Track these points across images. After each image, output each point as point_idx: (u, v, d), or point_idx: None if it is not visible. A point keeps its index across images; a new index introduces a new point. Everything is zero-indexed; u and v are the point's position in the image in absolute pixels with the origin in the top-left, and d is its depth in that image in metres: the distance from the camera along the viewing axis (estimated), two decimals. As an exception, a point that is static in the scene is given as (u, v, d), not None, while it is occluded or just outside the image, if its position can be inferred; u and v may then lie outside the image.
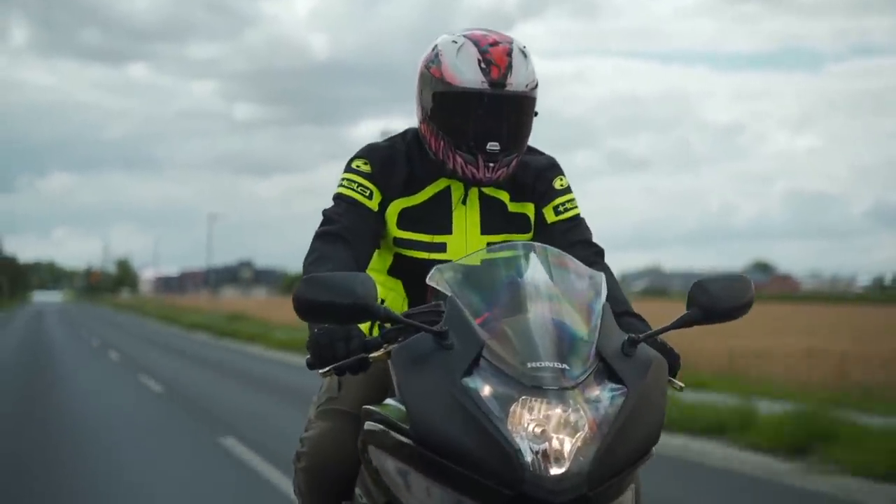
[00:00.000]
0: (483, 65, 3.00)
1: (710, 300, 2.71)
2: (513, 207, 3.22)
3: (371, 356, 2.66)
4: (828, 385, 13.46)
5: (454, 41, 3.07)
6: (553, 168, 3.27)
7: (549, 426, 2.37)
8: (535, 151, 3.28)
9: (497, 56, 3.02)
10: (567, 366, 2.44)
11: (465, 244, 3.15)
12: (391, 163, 3.17)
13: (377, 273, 3.24)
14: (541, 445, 2.36)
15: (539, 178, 3.23)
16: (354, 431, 2.93)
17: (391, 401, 2.66)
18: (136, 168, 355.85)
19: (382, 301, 3.18)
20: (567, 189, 3.26)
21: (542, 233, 3.20)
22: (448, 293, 2.59)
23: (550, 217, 3.22)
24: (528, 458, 2.34)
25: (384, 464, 2.61)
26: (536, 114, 3.12)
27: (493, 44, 3.05)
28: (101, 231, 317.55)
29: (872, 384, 13.27)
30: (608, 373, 2.49)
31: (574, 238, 3.18)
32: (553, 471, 2.34)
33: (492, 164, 3.05)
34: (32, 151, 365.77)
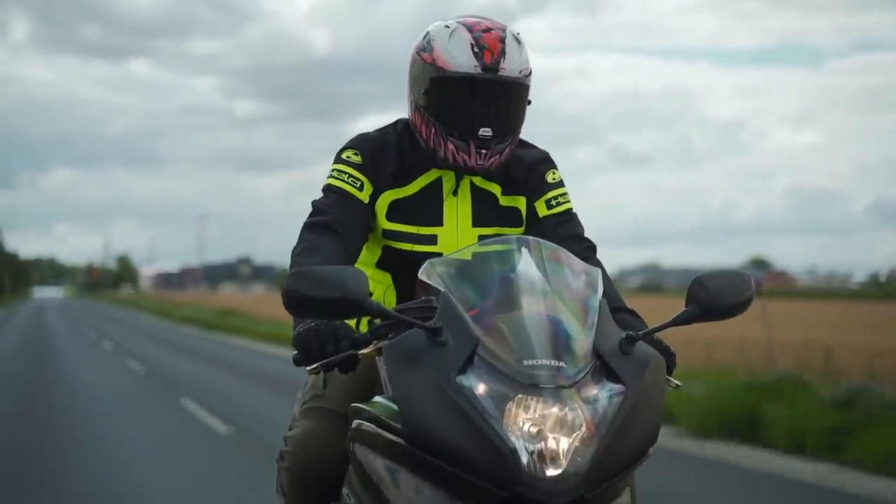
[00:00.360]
0: (476, 49, 2.95)
1: (709, 297, 2.65)
2: (504, 201, 3.16)
3: (361, 353, 2.59)
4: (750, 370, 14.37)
5: (447, 26, 3.02)
6: (546, 162, 3.21)
7: (546, 426, 2.31)
8: (528, 145, 3.22)
9: (490, 41, 2.96)
10: (563, 364, 2.38)
11: (457, 237, 3.09)
12: (382, 153, 3.11)
13: (365, 266, 3.16)
14: (537, 445, 2.30)
15: (532, 172, 3.17)
16: (340, 430, 2.86)
17: (381, 398, 2.59)
18: (138, 164, 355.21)
19: (371, 295, 3.11)
20: (560, 183, 3.21)
21: (534, 227, 3.14)
22: (441, 288, 2.53)
23: (542, 211, 3.16)
24: (524, 459, 2.29)
25: (373, 463, 2.54)
26: (530, 102, 3.06)
27: (487, 30, 2.99)
28: (103, 227, 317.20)
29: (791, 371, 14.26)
30: (606, 371, 2.43)
31: (566, 232, 3.13)
32: (549, 472, 2.29)
33: (484, 151, 2.99)
34: (34, 147, 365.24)
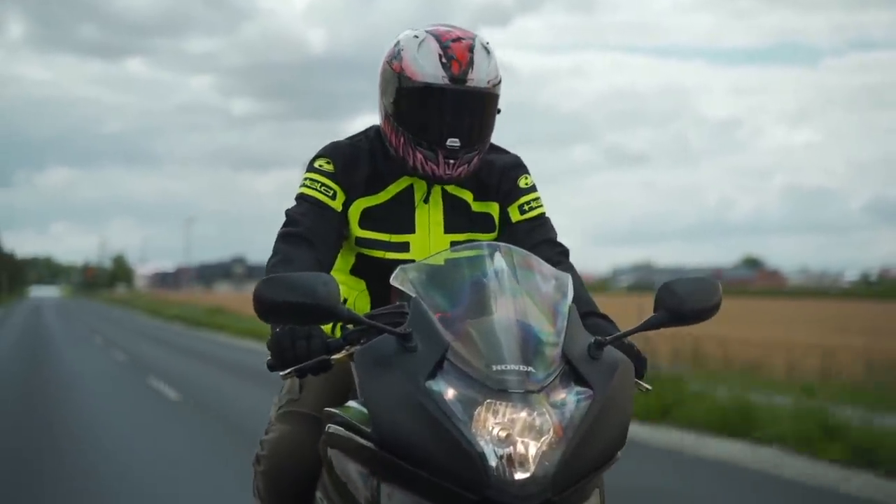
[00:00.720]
0: (444, 60, 2.97)
1: (678, 302, 2.67)
2: (476, 207, 3.18)
3: (333, 358, 2.61)
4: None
5: (416, 36, 3.04)
6: (518, 167, 3.23)
7: (514, 430, 2.33)
8: (500, 150, 3.24)
9: (458, 51, 2.98)
10: (532, 368, 2.40)
11: (429, 243, 3.11)
12: (354, 161, 3.12)
13: (340, 273, 3.19)
14: (505, 450, 2.32)
15: (504, 177, 3.19)
16: (315, 434, 2.88)
17: (353, 403, 2.61)
18: (135, 163, 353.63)
19: (345, 301, 3.13)
20: (532, 188, 3.23)
21: (507, 232, 3.16)
22: (412, 294, 2.55)
23: (515, 216, 3.18)
24: (493, 463, 2.31)
25: (345, 467, 2.57)
26: (500, 111, 3.08)
27: (456, 39, 3.01)
28: (99, 226, 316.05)
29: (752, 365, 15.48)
30: (574, 376, 2.45)
31: (539, 237, 3.15)
32: (518, 475, 2.31)
33: (452, 161, 3.01)
34: (30, 146, 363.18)
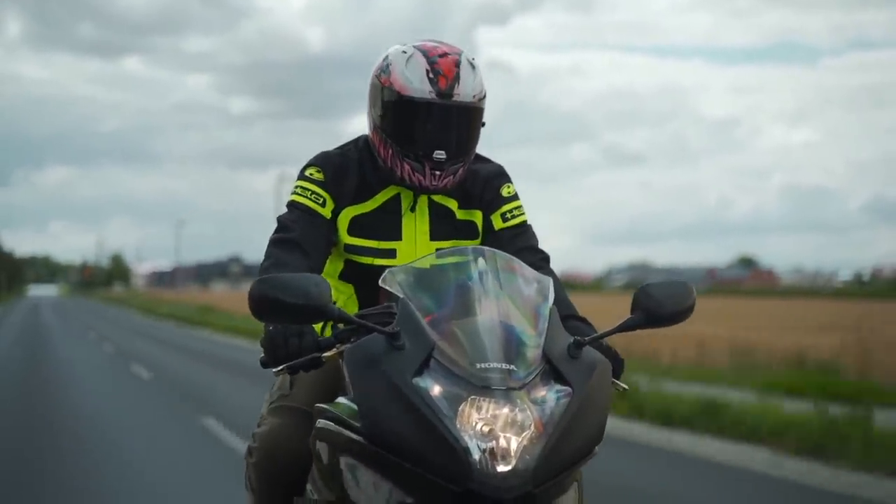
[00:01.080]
0: (431, 75, 3.08)
1: (654, 305, 2.79)
2: (461, 215, 3.29)
3: (324, 355, 2.73)
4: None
5: (404, 51, 3.14)
6: (500, 176, 3.34)
7: (497, 425, 2.45)
8: (484, 159, 3.35)
9: (445, 67, 3.09)
10: (514, 367, 2.52)
11: (415, 251, 3.22)
12: (343, 171, 3.23)
13: (329, 278, 3.28)
14: (488, 444, 2.44)
15: (487, 186, 3.30)
16: (306, 428, 2.99)
17: (343, 399, 2.73)
18: (133, 161, 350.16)
19: (335, 303, 3.25)
20: (514, 196, 3.34)
21: (490, 239, 3.27)
22: (400, 295, 2.67)
23: (498, 224, 3.30)
24: (476, 456, 2.43)
25: (335, 460, 2.68)
26: (484, 124, 3.19)
27: (442, 55, 3.12)
28: (98, 225, 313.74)
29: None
30: (554, 374, 2.57)
31: (521, 244, 3.26)
32: (500, 468, 2.43)
33: (438, 173, 3.13)
34: (28, 145, 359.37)
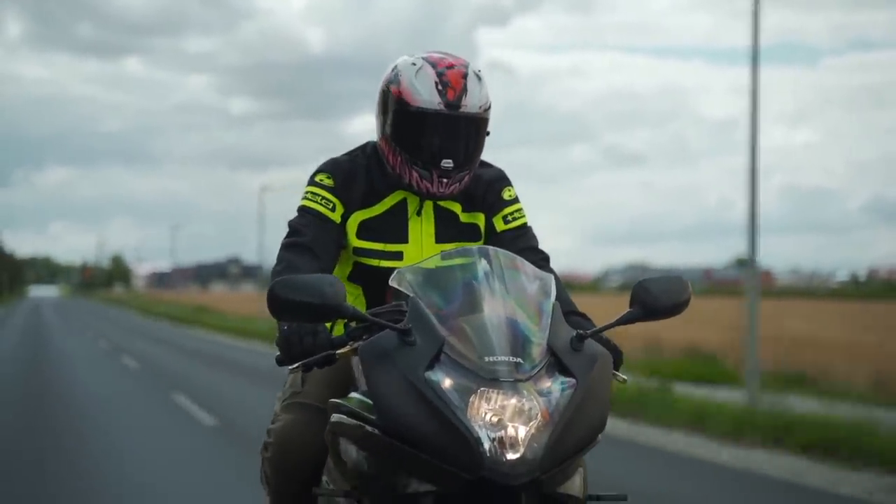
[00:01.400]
0: (440, 87, 3.20)
1: (651, 299, 2.92)
2: (465, 218, 3.41)
3: (338, 352, 2.85)
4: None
5: (413, 63, 3.26)
6: (502, 180, 3.46)
7: (505, 415, 2.58)
8: (485, 164, 3.47)
9: (453, 79, 3.21)
10: (521, 360, 2.65)
11: (421, 253, 3.34)
12: (352, 177, 3.35)
13: None
14: (497, 433, 2.57)
15: (489, 190, 3.42)
16: (318, 423, 3.14)
17: (356, 394, 2.87)
18: (133, 162, 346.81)
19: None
20: (515, 199, 3.47)
21: (492, 241, 3.38)
22: (410, 294, 2.79)
23: (500, 226, 3.42)
24: (487, 445, 2.56)
25: (350, 452, 2.80)
26: (489, 133, 3.31)
27: (450, 67, 3.24)
28: (98, 225, 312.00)
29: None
30: (559, 367, 2.70)
31: (522, 245, 3.38)
32: (509, 456, 2.56)
33: (445, 180, 3.26)
34: (29, 146, 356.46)
